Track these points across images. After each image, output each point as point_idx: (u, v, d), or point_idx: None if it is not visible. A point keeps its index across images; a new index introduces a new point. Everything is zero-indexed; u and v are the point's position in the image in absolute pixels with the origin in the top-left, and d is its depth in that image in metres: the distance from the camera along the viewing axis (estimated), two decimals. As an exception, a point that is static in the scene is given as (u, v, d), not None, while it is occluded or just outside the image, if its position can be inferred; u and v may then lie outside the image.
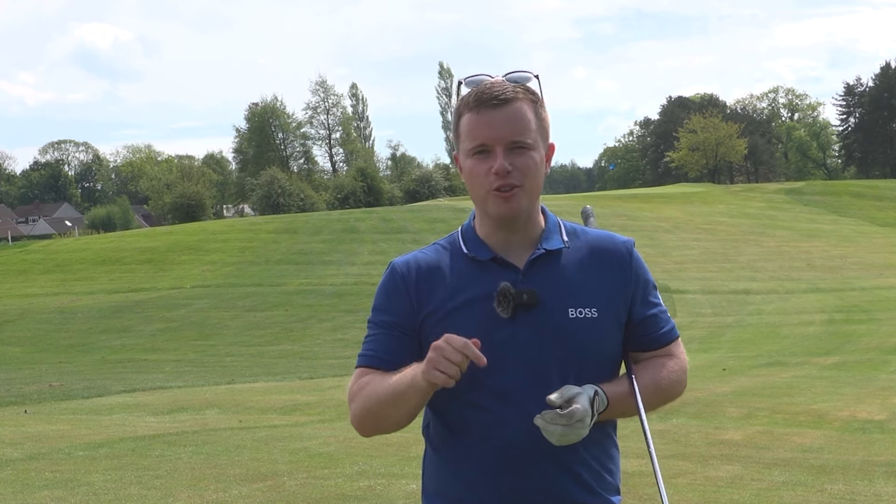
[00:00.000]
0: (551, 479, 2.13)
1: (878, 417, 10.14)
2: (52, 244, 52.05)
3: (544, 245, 2.18)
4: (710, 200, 61.22)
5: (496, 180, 2.10)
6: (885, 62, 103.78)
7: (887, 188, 69.65)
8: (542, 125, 2.17)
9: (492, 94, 2.11)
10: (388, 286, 2.22)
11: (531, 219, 2.20)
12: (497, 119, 2.10)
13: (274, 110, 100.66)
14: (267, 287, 34.14)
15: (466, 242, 2.22)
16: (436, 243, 2.28)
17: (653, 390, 2.20)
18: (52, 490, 6.97)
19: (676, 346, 2.29)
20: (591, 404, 2.05)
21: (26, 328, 29.44)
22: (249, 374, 18.50)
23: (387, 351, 2.17)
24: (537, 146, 2.14)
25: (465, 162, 2.17)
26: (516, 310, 2.10)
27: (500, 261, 2.17)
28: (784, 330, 23.64)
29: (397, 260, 2.25)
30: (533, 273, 2.15)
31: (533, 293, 2.11)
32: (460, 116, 2.17)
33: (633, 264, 2.25)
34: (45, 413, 12.39)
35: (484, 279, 2.15)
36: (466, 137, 2.14)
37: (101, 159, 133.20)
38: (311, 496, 6.61)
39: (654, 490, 6.65)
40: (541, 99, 2.18)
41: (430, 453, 2.26)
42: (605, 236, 2.27)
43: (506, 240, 2.18)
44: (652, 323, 2.25)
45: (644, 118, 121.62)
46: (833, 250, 42.58)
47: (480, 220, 2.22)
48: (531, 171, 2.12)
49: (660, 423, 10.17)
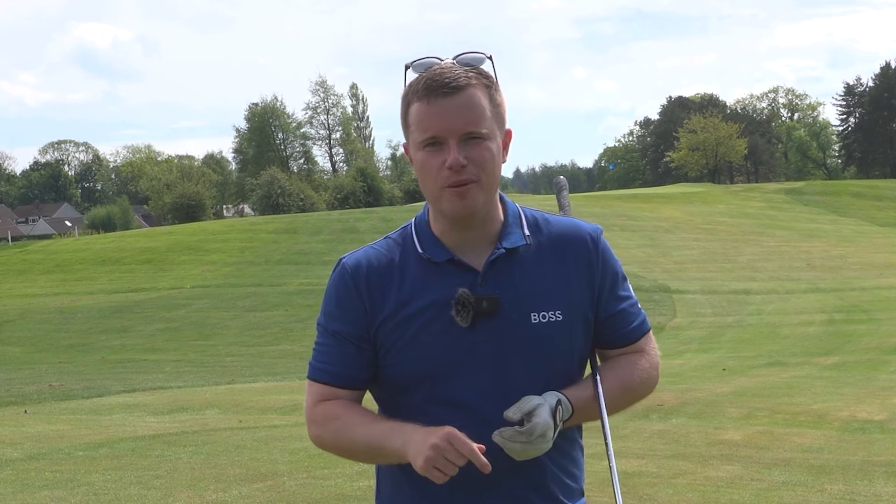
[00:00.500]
0: (516, 493, 2.01)
1: (878, 417, 10.14)
2: (52, 244, 52.05)
3: (504, 243, 2.03)
4: (710, 200, 61.22)
5: (450, 175, 1.94)
6: (885, 62, 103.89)
7: (887, 188, 69.65)
8: (498, 111, 2.01)
9: (442, 80, 1.94)
10: (339, 290, 2.05)
11: (489, 214, 2.04)
12: (449, 109, 1.94)
13: (274, 110, 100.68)
14: (267, 287, 34.13)
15: (421, 240, 2.05)
16: (387, 237, 2.11)
17: (621, 392, 2.07)
18: (52, 490, 6.98)
19: (647, 342, 2.15)
20: (554, 415, 1.92)
21: (26, 328, 29.43)
22: (249, 374, 18.50)
23: (340, 364, 2.04)
24: (493, 135, 1.98)
25: (415, 155, 2.00)
26: (476, 318, 1.97)
27: (457, 262, 2.01)
28: (784, 330, 23.63)
29: (347, 259, 2.08)
30: (492, 275, 2.01)
31: (493, 300, 1.97)
32: (409, 105, 1.99)
33: (600, 256, 2.09)
34: (45, 413, 12.39)
35: (441, 283, 2.00)
36: (416, 129, 1.97)
37: (101, 159, 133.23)
38: (311, 496, 6.61)
39: (654, 490, 6.65)
40: (495, 82, 2.01)
41: (385, 474, 2.12)
42: (569, 225, 2.11)
43: (462, 238, 2.03)
44: (621, 319, 2.10)
45: (644, 118, 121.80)
46: (833, 250, 42.57)
47: (435, 217, 2.06)
48: (487, 163, 1.96)
49: (660, 423, 10.17)
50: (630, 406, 2.16)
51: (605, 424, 2.02)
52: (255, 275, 37.26)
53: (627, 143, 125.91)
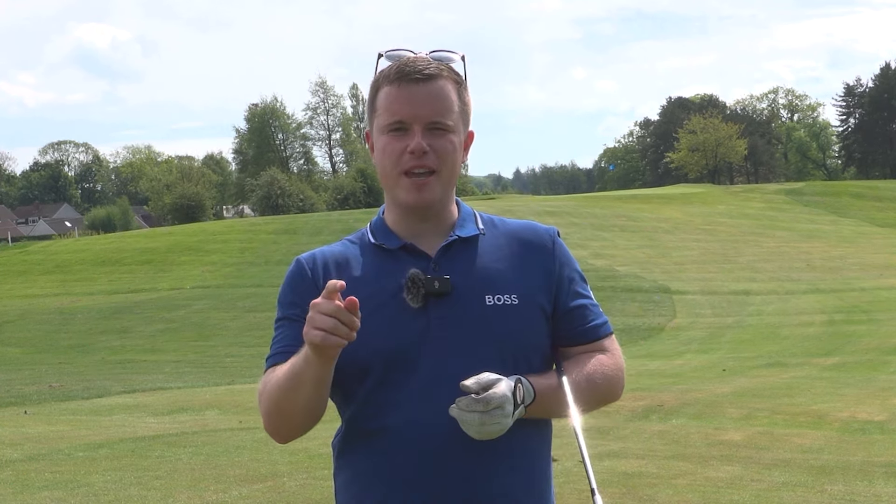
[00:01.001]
0: (475, 484, 1.93)
1: (878, 418, 10.14)
2: (51, 245, 52.05)
3: (458, 232, 2.03)
4: (709, 201, 61.22)
5: (410, 160, 1.95)
6: (885, 63, 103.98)
7: (887, 189, 69.64)
8: (465, 109, 2.03)
9: (415, 68, 1.97)
10: (293, 279, 2.07)
11: (444, 208, 2.05)
12: (418, 95, 1.96)
13: (274, 111, 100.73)
14: (267, 288, 34.11)
15: (375, 233, 2.07)
16: (343, 239, 2.13)
17: (585, 385, 1.98)
18: (52, 491, 6.98)
19: (611, 343, 2.10)
20: (513, 393, 1.86)
21: (26, 329, 29.43)
22: (249, 374, 18.49)
23: (290, 344, 1.97)
24: (457, 129, 2.00)
25: (378, 139, 2.01)
26: (427, 298, 1.95)
27: (410, 248, 2.02)
28: (784, 331, 23.63)
29: (302, 255, 2.10)
30: (446, 261, 2.00)
31: (445, 280, 1.96)
32: (378, 90, 2.01)
33: (557, 252, 2.07)
34: (45, 414, 12.39)
35: (393, 269, 1.99)
36: (384, 112, 1.98)
37: (101, 160, 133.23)
38: (311, 497, 6.61)
39: (654, 490, 6.65)
40: (465, 82, 2.04)
41: (341, 467, 2.06)
42: (525, 225, 2.12)
43: (416, 228, 2.03)
44: (579, 314, 2.06)
45: (644, 119, 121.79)
46: (833, 251, 42.57)
47: (389, 208, 2.07)
48: (449, 155, 1.98)
49: (660, 423, 10.17)
50: (596, 407, 2.07)
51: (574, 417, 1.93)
52: (255, 275, 37.26)
53: (627, 143, 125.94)
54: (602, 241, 41.98)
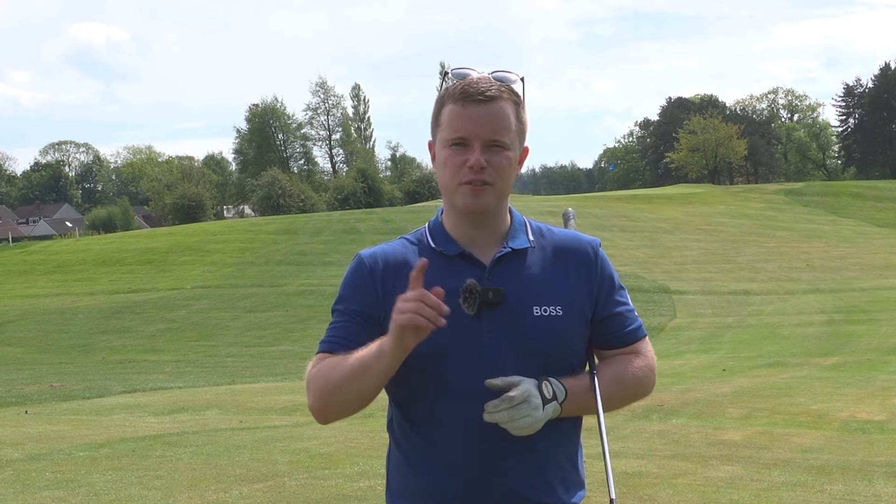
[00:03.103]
0: (515, 476, 2.12)
1: (878, 418, 10.15)
2: (52, 245, 52.06)
3: (510, 243, 2.19)
4: (709, 201, 61.23)
5: (469, 174, 2.11)
6: (885, 63, 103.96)
7: (887, 189, 69.63)
8: (521, 127, 2.19)
9: (478, 89, 2.12)
10: (354, 277, 2.21)
11: (498, 216, 2.21)
12: (480, 115, 2.11)
13: (274, 111, 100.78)
14: (267, 288, 34.13)
15: (434, 237, 2.22)
16: (402, 237, 2.27)
17: (616, 386, 2.20)
18: (53, 491, 6.99)
19: (644, 345, 2.28)
20: (539, 388, 2.06)
21: (27, 329, 29.45)
22: (250, 374, 18.52)
23: (349, 337, 2.14)
24: (513, 147, 2.16)
25: (440, 151, 2.17)
26: (482, 307, 2.10)
27: (467, 256, 2.17)
28: (784, 330, 23.64)
29: (364, 252, 2.25)
30: (499, 271, 2.16)
31: (499, 291, 2.11)
32: (443, 105, 2.17)
33: (599, 263, 2.25)
34: (45, 413, 12.40)
35: (450, 274, 2.13)
36: (447, 127, 2.15)
37: (102, 160, 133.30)
38: (311, 497, 6.62)
39: (654, 490, 6.66)
40: (522, 101, 2.20)
41: (394, 450, 2.24)
42: (570, 236, 2.29)
43: (472, 235, 2.19)
44: (617, 321, 2.25)
45: (644, 119, 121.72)
46: (833, 251, 42.59)
47: (447, 213, 2.23)
48: (504, 170, 2.14)
49: (659, 423, 10.18)
50: (625, 404, 2.27)
51: (600, 415, 2.13)
52: (255, 275, 37.26)
53: (627, 143, 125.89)
54: (602, 242, 41.93)
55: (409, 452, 2.18)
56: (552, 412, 2.08)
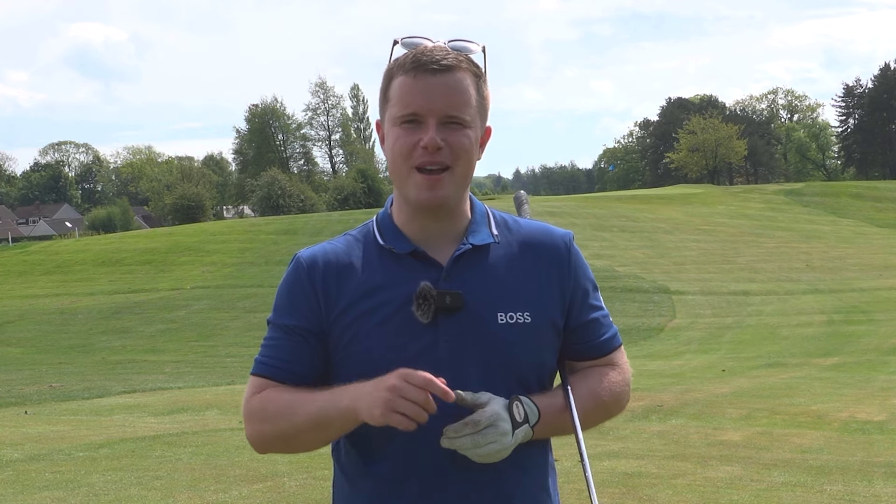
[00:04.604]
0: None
1: (878, 418, 10.15)
2: (52, 245, 52.04)
3: (471, 239, 1.89)
4: (709, 201, 61.24)
5: (423, 155, 1.82)
6: (885, 63, 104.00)
7: (886, 189, 69.64)
8: (483, 103, 1.89)
9: (432, 57, 1.83)
10: (291, 284, 1.92)
11: (458, 208, 1.91)
12: (434, 87, 1.82)
13: (274, 111, 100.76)
14: (267, 288, 34.11)
15: (382, 232, 1.92)
16: (347, 234, 1.98)
17: (592, 404, 1.91)
18: (53, 491, 6.99)
19: (619, 355, 2.01)
20: (510, 410, 1.78)
21: (27, 329, 29.45)
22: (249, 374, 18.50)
23: (286, 359, 1.89)
24: (474, 125, 1.87)
25: (389, 131, 1.87)
26: (437, 314, 1.82)
27: (420, 255, 1.87)
28: (783, 331, 23.64)
29: (302, 253, 1.95)
30: (457, 271, 1.86)
31: (457, 295, 1.82)
32: (392, 78, 1.87)
33: (572, 261, 1.95)
34: (45, 414, 12.41)
35: (401, 276, 1.85)
36: (396, 103, 1.85)
37: (102, 160, 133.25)
38: (311, 497, 6.62)
39: (654, 490, 6.66)
40: (484, 75, 1.90)
41: (339, 477, 1.96)
42: (540, 229, 1.98)
43: (427, 230, 1.89)
44: (592, 329, 1.96)
45: (644, 119, 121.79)
46: (832, 251, 42.58)
47: (399, 205, 1.92)
48: (464, 151, 1.84)
49: (659, 423, 10.18)
50: (599, 423, 2.00)
51: (578, 435, 1.86)
52: (255, 275, 37.27)
53: (627, 144, 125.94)
54: (602, 242, 41.97)
55: (358, 483, 1.90)
56: (522, 437, 1.80)
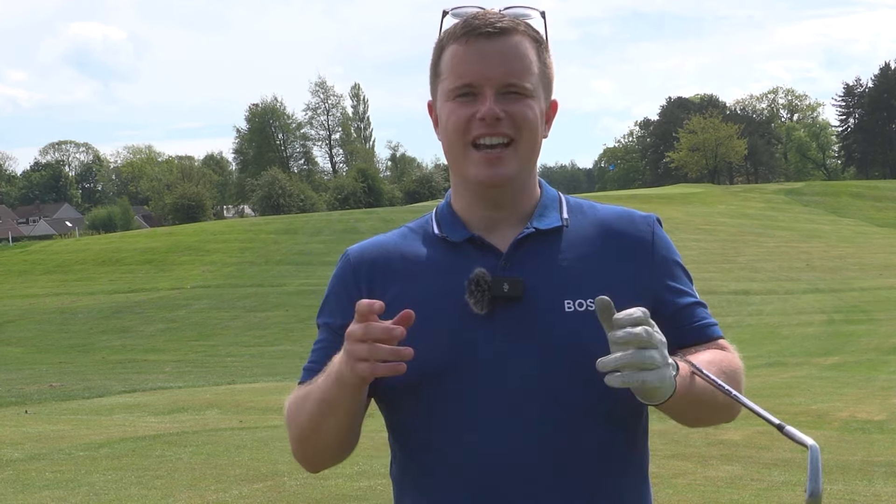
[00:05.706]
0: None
1: (878, 418, 10.15)
2: (52, 245, 52.04)
3: (535, 223, 1.66)
4: (709, 201, 61.23)
5: (480, 127, 1.59)
6: (885, 63, 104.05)
7: (887, 189, 69.65)
8: (546, 72, 1.67)
9: (486, 20, 1.61)
10: (336, 280, 1.73)
11: (524, 191, 1.68)
12: (490, 53, 1.60)
13: (274, 111, 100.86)
14: (267, 288, 34.12)
15: (440, 221, 1.71)
16: (404, 226, 1.77)
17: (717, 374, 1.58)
18: (53, 490, 6.99)
19: (728, 344, 1.77)
20: None
21: (27, 328, 29.45)
22: (250, 374, 18.52)
23: (324, 361, 1.63)
24: (538, 95, 1.63)
25: (442, 107, 1.65)
26: (494, 303, 1.59)
27: (478, 242, 1.65)
28: (783, 330, 23.65)
29: (352, 248, 1.75)
30: (519, 257, 1.63)
31: (517, 282, 1.59)
32: (442, 50, 1.65)
33: (657, 246, 1.70)
34: (45, 413, 12.41)
35: (456, 265, 1.63)
36: (449, 75, 1.63)
37: (102, 160, 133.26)
38: (311, 496, 6.62)
39: (654, 490, 6.66)
40: (545, 41, 1.68)
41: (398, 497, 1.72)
42: (619, 213, 1.73)
43: (489, 217, 1.67)
44: (689, 313, 1.69)
45: (644, 119, 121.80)
46: (832, 251, 42.57)
47: (457, 191, 1.71)
48: (528, 122, 1.61)
49: (660, 423, 10.15)
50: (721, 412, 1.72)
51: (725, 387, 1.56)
52: (255, 275, 37.26)
53: (627, 143, 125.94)
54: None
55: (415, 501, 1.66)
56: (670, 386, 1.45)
